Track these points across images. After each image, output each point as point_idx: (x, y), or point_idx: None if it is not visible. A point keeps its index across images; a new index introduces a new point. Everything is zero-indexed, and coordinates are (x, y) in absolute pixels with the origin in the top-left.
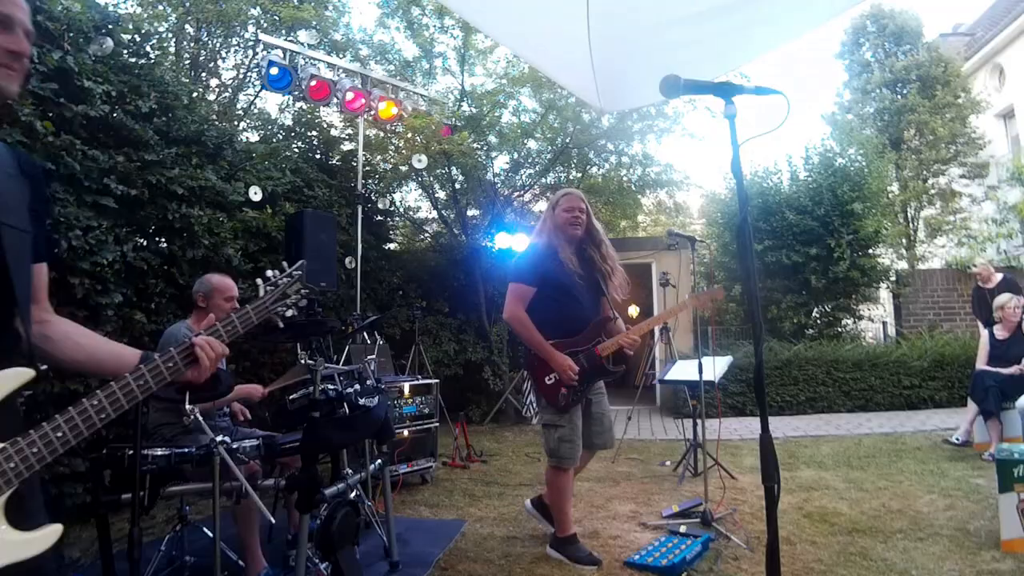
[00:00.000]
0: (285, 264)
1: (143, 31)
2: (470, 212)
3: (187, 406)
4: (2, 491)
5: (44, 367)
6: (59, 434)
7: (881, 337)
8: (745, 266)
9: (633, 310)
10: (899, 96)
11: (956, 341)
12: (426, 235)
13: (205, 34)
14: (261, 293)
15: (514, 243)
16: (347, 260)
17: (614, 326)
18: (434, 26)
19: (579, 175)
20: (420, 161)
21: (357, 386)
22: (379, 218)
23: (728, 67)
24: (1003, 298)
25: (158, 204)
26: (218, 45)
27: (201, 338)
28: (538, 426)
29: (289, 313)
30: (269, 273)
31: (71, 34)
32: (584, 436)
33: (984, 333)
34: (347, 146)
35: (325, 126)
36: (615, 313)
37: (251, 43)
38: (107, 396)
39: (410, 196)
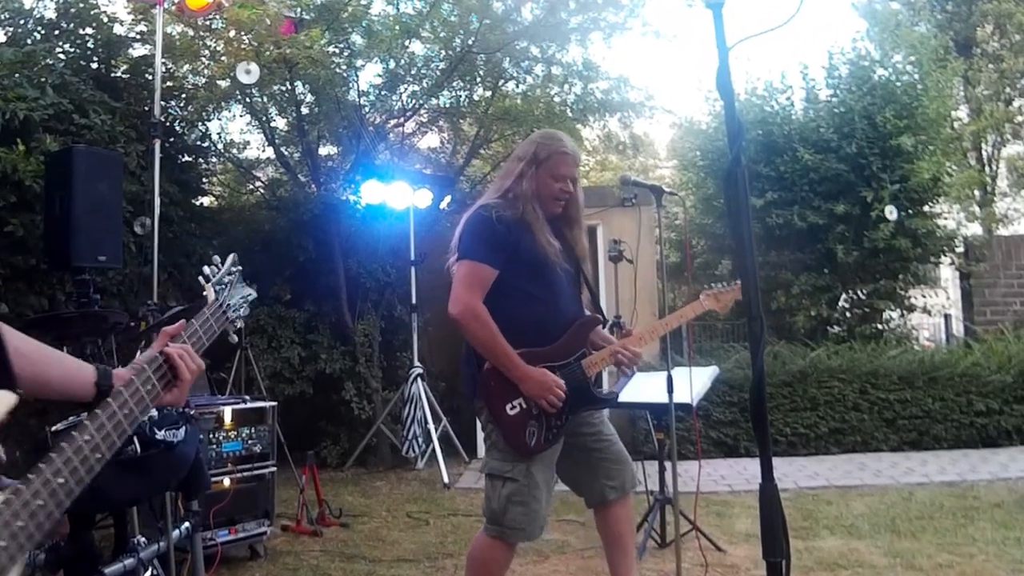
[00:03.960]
0: (217, 259)
1: None
2: (324, 150)
3: None
4: (15, 561)
5: (20, 391)
6: (61, 480)
7: (942, 337)
8: (738, 231)
9: None
10: None
11: None
12: (258, 185)
13: None
14: (211, 297)
15: (390, 196)
16: (138, 223)
17: (603, 335)
18: None
19: (488, 93)
20: (248, 73)
21: (153, 412)
22: (187, 159)
23: None
24: None
25: None
26: None
27: (177, 347)
28: (427, 477)
29: (239, 325)
30: (207, 270)
31: None
32: (587, 484)
33: None
34: (139, 51)
35: (105, 21)
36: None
37: None
38: (98, 432)
39: (234, 126)
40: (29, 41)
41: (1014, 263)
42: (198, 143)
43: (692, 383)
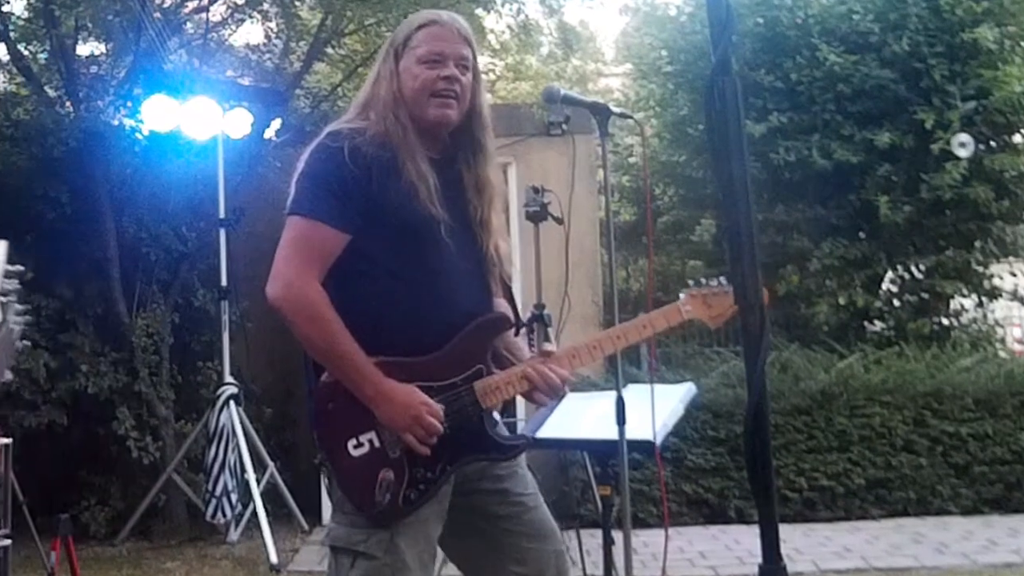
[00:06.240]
0: None
1: None
2: (86, 48)
3: None
4: None
5: None
6: None
7: None
8: (725, 174)
9: None
10: None
11: None
12: None
13: None
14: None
15: (188, 120)
16: None
17: (514, 343)
18: None
19: None
20: None
21: None
22: None
23: None
24: None
25: None
26: None
27: None
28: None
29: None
30: None
31: None
32: (486, 569)
33: None
34: None
35: None
36: (513, 309)
37: None
38: None
39: None
40: None
41: None
42: None
43: (655, 409)
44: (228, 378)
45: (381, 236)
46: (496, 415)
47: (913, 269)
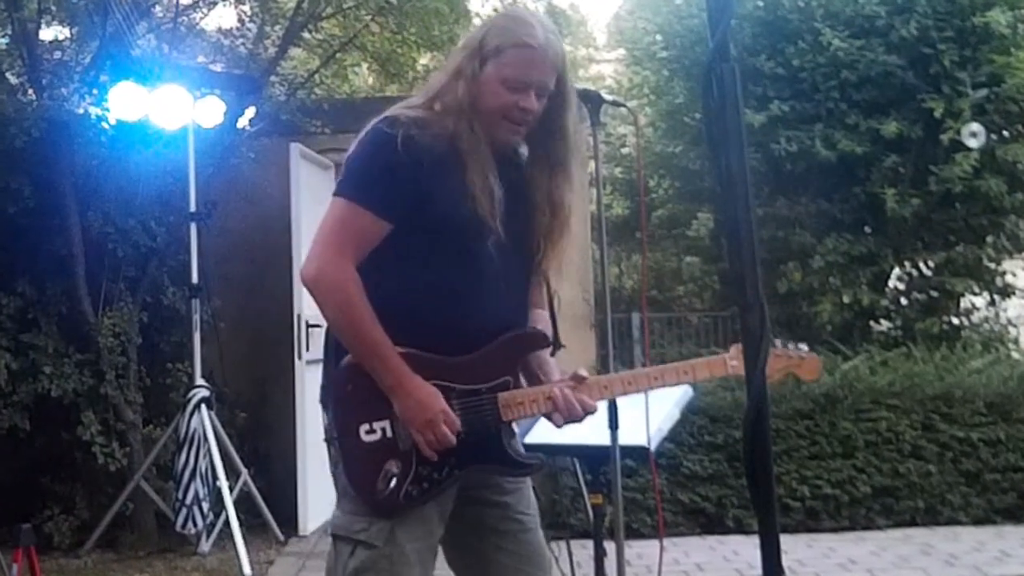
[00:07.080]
0: None
1: None
2: (49, 32)
3: None
4: None
5: None
6: None
7: None
8: (723, 165)
9: None
10: None
11: None
12: None
13: None
14: None
15: (157, 109)
16: None
17: (546, 361)
18: None
19: None
20: None
21: None
22: None
23: None
24: None
25: None
26: None
27: None
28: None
29: None
30: None
31: None
32: None
33: None
34: None
35: None
36: (553, 328)
37: None
38: None
39: None
40: None
41: None
42: None
43: (649, 413)
44: (199, 380)
45: (425, 229)
46: (515, 427)
47: (921, 266)
